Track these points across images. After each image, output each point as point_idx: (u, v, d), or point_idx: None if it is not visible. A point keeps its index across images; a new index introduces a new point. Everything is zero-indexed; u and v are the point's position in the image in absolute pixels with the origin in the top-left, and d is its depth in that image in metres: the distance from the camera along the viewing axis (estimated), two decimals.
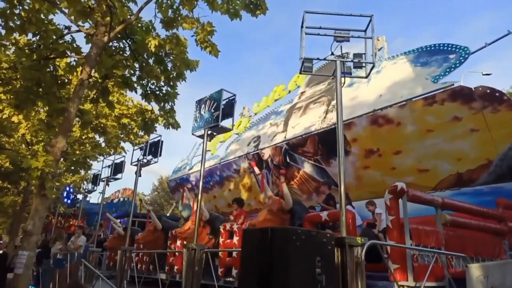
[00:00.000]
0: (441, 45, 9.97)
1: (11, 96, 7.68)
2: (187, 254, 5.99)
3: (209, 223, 8.31)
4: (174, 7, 7.05)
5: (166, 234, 9.39)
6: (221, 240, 7.45)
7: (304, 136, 12.25)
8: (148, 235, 9.71)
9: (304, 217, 6.47)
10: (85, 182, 19.65)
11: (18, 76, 7.09)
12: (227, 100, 7.37)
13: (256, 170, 10.73)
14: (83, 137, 14.06)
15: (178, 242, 8.67)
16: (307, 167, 12.21)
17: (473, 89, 8.16)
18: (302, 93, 15.00)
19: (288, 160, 12.88)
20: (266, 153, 13.70)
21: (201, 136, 7.60)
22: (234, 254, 6.88)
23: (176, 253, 8.56)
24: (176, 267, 8.39)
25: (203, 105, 7.69)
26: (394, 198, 4.74)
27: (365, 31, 5.05)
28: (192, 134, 7.82)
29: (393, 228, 4.59)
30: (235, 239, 7.12)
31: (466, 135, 8.42)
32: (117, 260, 8.88)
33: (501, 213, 6.47)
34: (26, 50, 6.82)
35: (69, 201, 19.77)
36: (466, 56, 9.19)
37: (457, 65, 9.12)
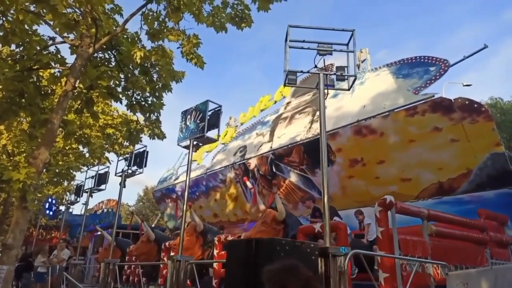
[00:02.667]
0: (422, 57, 10.26)
1: None
2: (171, 266, 5.95)
3: (202, 235, 8.27)
4: (160, 19, 7.10)
5: (159, 245, 9.24)
6: (215, 251, 7.43)
7: (289, 146, 12.35)
8: (141, 246, 9.48)
9: (298, 229, 6.54)
10: (68, 193, 19.28)
11: (1, 87, 7.00)
12: (213, 111, 7.41)
13: (249, 184, 10.68)
14: (67, 148, 13.85)
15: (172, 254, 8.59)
16: (293, 177, 12.28)
17: (453, 101, 8.40)
18: (287, 103, 15.16)
19: (274, 169, 12.94)
20: (252, 163, 13.74)
21: (187, 147, 7.61)
22: None
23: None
24: None
25: (188, 116, 7.71)
26: (384, 210, 4.94)
27: (347, 45, 5.18)
28: (178, 144, 7.82)
29: (383, 239, 4.78)
30: None
31: (447, 145, 8.64)
32: (100, 272, 8.72)
33: (483, 223, 6.69)
34: (9, 61, 6.74)
35: (51, 213, 19.29)
36: (446, 68, 9.48)
37: (437, 77, 9.39)
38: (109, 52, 7.54)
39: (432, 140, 8.81)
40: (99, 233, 14.31)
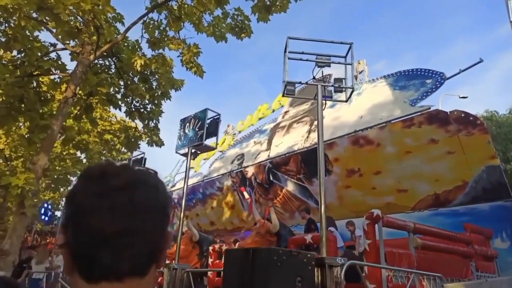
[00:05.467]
0: (419, 70, 10.40)
1: None
2: (167, 274, 5.93)
3: (198, 244, 8.28)
4: (161, 28, 7.19)
5: None
6: (210, 260, 7.44)
7: (287, 155, 12.41)
8: None
9: (289, 240, 6.61)
10: (64, 198, 19.16)
11: (1, 92, 7.03)
12: (211, 119, 7.45)
13: (246, 195, 10.74)
14: (64, 153, 13.84)
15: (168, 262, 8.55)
16: (290, 186, 12.31)
17: (449, 113, 8.50)
18: (285, 112, 15.26)
19: (271, 178, 12.97)
20: (250, 171, 13.76)
21: (185, 155, 7.63)
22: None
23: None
24: None
25: (187, 124, 7.74)
26: (371, 223, 5.08)
27: (345, 57, 5.26)
28: (176, 152, 7.84)
29: (370, 251, 4.91)
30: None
31: (443, 157, 8.71)
32: None
33: (469, 237, 6.85)
34: (10, 67, 6.78)
35: (46, 218, 19.15)
36: (442, 81, 9.61)
37: (434, 89, 9.52)
38: (109, 59, 7.62)
39: (428, 152, 8.88)
40: None
